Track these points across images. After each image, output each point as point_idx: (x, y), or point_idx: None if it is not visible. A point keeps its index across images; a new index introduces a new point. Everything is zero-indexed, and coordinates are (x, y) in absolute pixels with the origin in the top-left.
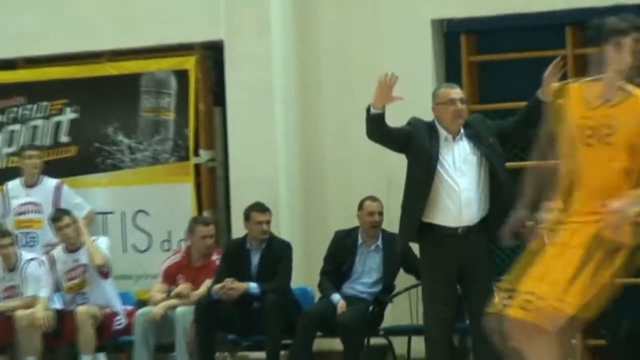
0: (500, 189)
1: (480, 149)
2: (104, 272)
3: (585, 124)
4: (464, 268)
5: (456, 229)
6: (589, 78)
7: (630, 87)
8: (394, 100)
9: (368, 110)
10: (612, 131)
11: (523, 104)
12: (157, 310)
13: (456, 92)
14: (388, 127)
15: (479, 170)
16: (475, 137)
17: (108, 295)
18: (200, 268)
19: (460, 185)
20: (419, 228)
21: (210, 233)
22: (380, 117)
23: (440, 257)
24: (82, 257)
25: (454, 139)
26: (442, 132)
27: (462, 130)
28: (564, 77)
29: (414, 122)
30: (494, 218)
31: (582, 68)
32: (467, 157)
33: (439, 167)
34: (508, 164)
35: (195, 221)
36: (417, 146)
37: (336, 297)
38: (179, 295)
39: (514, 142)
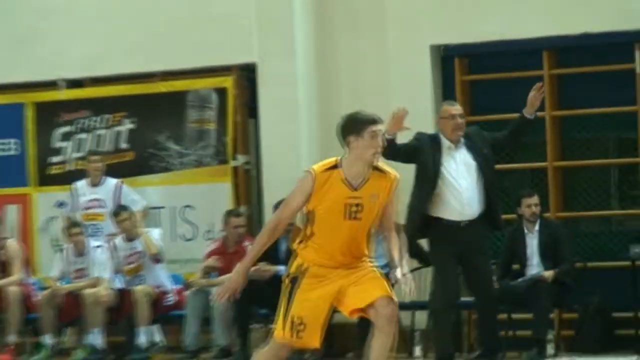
0: (490, 190)
1: (477, 157)
2: (157, 259)
3: (351, 202)
4: (466, 253)
5: (459, 222)
6: (345, 162)
7: (370, 170)
8: (404, 130)
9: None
10: (360, 209)
11: (507, 115)
12: (198, 280)
13: (456, 109)
14: (398, 147)
15: (477, 174)
16: (472, 146)
17: (160, 277)
18: (234, 253)
19: (462, 186)
20: (427, 221)
21: (242, 223)
22: (393, 141)
23: (446, 245)
24: (139, 245)
25: (455, 147)
26: (445, 142)
27: (462, 140)
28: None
29: (419, 137)
30: (489, 212)
31: (556, 86)
32: (467, 162)
33: (443, 171)
34: (498, 166)
35: (228, 214)
36: (422, 157)
37: None
38: (209, 268)
39: (504, 150)
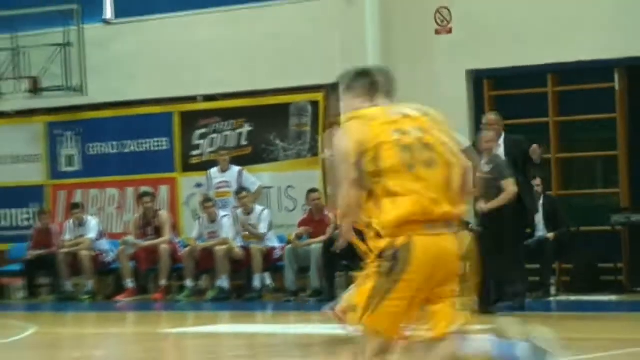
0: (519, 181)
1: (507, 156)
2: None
3: None
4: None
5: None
6: None
7: None
8: None
9: None
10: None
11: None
12: (299, 242)
13: (485, 119)
14: None
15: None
16: (507, 149)
17: (269, 239)
18: (319, 221)
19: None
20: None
21: (318, 197)
22: None
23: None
24: (253, 219)
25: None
26: None
27: (500, 142)
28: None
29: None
30: (518, 197)
31: (557, 99)
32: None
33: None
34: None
35: (309, 192)
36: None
37: None
38: (300, 234)
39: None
